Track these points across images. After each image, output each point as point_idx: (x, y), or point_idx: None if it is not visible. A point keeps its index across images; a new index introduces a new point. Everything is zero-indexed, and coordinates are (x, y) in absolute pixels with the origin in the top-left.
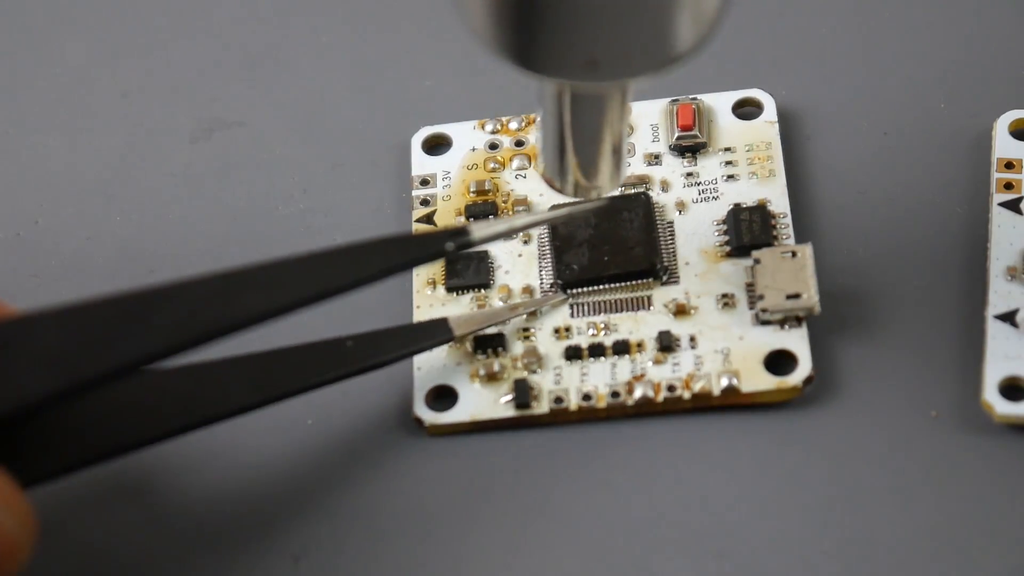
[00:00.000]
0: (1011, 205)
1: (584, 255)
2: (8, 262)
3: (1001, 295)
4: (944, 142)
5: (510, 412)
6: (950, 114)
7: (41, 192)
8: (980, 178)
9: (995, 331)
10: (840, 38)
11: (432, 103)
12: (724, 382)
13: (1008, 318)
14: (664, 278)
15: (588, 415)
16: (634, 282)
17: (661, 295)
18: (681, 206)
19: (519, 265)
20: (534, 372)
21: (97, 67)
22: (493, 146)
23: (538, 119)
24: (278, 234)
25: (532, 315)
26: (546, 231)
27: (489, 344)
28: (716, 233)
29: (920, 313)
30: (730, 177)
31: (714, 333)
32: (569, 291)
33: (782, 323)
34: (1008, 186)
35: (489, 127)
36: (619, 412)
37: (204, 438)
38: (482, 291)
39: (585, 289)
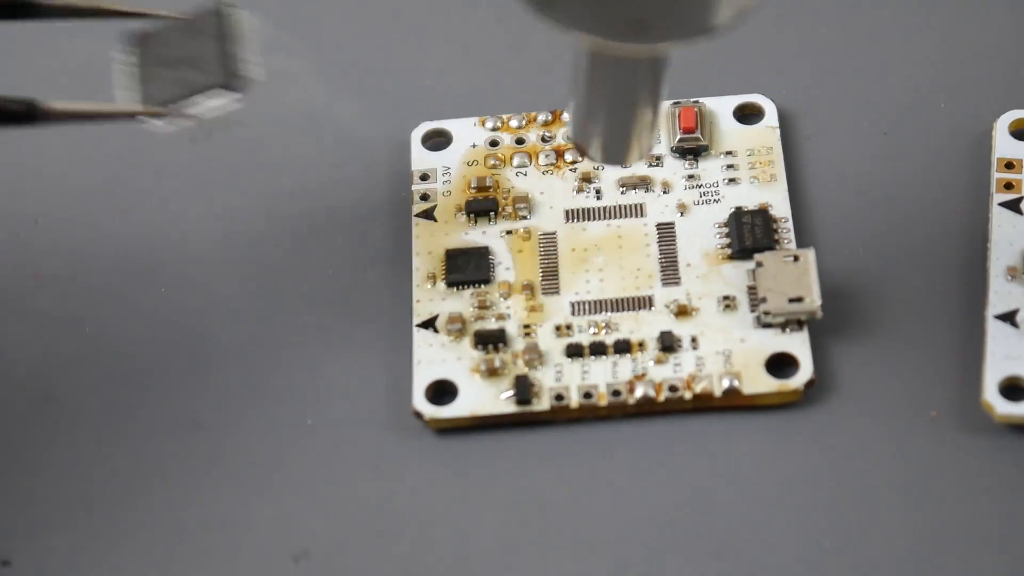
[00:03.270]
0: (1011, 205)
1: (167, 81)
2: (8, 262)
3: (1001, 295)
4: (944, 142)
5: (511, 408)
6: (950, 114)
7: (41, 192)
8: (980, 178)
9: (995, 331)
10: (840, 39)
11: (432, 103)
12: (726, 383)
13: (1008, 318)
14: (240, 86)
15: (589, 413)
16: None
17: (663, 295)
18: (682, 208)
19: (519, 261)
20: (535, 368)
21: (97, 67)
22: (494, 143)
23: (571, 83)
24: (278, 234)
25: (533, 311)
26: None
27: (490, 339)
28: (717, 235)
29: (920, 313)
30: (731, 180)
31: (715, 335)
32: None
33: (783, 326)
34: (1008, 186)
35: (489, 124)
36: (620, 411)
37: (204, 438)
38: (482, 286)
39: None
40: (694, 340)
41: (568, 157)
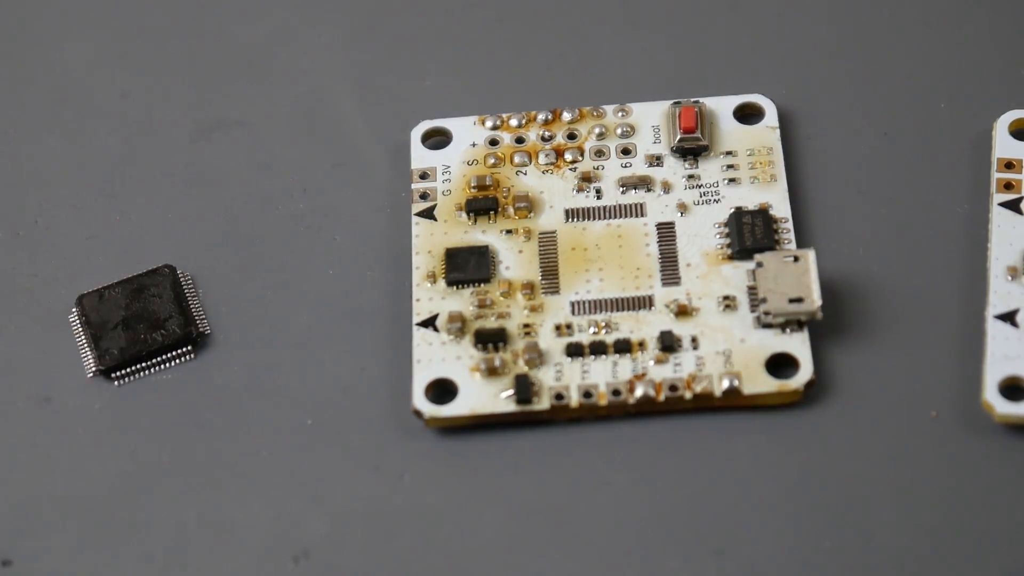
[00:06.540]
0: (1011, 205)
1: (121, 337)
2: (8, 262)
3: (1001, 295)
4: (944, 142)
5: (510, 407)
6: (950, 114)
7: (41, 192)
8: (980, 178)
9: (995, 331)
10: (840, 39)
11: (432, 102)
12: (726, 384)
13: (1008, 318)
14: (199, 342)
15: (589, 413)
16: (174, 352)
17: (663, 295)
18: (683, 208)
19: (520, 260)
20: (535, 368)
21: (97, 67)
22: (493, 142)
23: None
24: (278, 234)
25: (533, 310)
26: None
27: (490, 339)
28: (717, 236)
29: (920, 313)
30: (731, 180)
31: (715, 334)
32: (115, 376)
33: (783, 327)
34: (1008, 186)
35: (489, 123)
36: (620, 411)
37: (204, 438)
38: (482, 285)
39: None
40: (694, 340)
41: (568, 156)
